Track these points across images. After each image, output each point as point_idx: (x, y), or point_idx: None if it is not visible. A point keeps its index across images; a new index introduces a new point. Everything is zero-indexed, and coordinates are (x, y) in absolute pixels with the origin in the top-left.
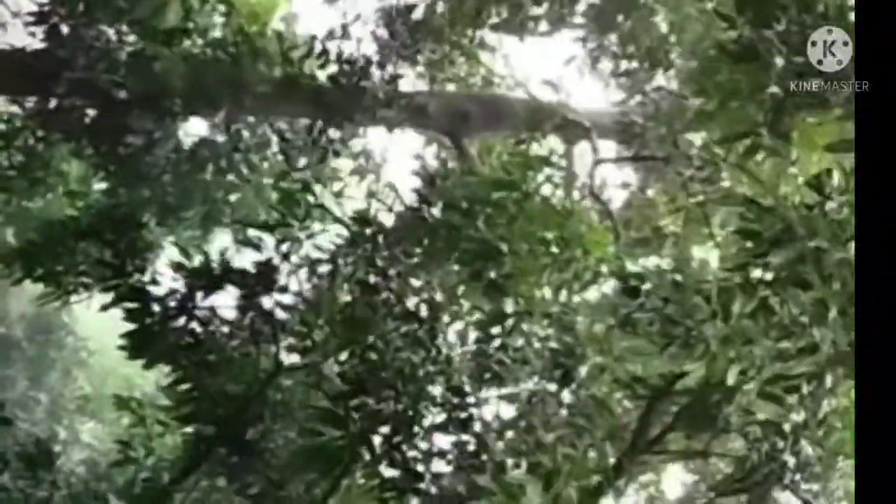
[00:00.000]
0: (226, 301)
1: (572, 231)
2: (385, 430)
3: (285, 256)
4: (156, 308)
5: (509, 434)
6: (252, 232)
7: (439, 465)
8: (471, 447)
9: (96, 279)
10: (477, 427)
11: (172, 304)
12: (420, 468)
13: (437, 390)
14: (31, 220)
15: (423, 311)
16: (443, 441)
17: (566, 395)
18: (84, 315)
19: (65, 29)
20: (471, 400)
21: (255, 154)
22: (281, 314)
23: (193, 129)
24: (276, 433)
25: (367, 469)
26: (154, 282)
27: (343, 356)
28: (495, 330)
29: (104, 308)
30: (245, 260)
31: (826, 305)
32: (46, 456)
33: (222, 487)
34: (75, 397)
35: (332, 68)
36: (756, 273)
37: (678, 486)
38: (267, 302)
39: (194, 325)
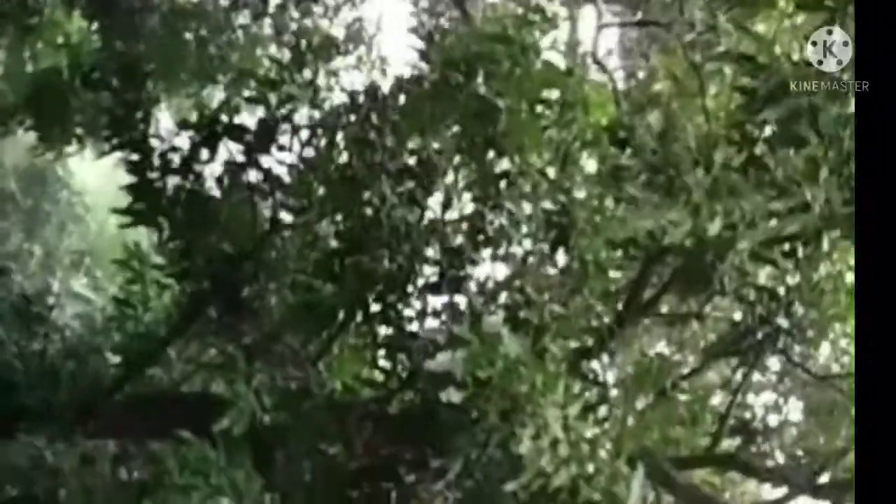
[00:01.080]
0: (224, 157)
1: (574, 91)
2: (379, 289)
3: (286, 117)
4: (156, 161)
5: (502, 295)
6: (248, 92)
7: (433, 325)
8: (462, 307)
9: (95, 130)
10: (471, 287)
11: (172, 157)
12: (414, 328)
13: (431, 250)
14: (25, 76)
15: (419, 171)
16: (436, 301)
17: (560, 257)
18: (79, 170)
19: None
20: (465, 259)
21: (249, 13)
22: (279, 172)
23: None
24: (270, 292)
25: (361, 328)
26: (156, 136)
27: (339, 216)
28: (490, 190)
29: (102, 154)
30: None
31: (818, 164)
32: (41, 307)
33: (215, 343)
34: (69, 252)
35: None
36: (752, 132)
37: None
38: (265, 160)
39: (192, 180)
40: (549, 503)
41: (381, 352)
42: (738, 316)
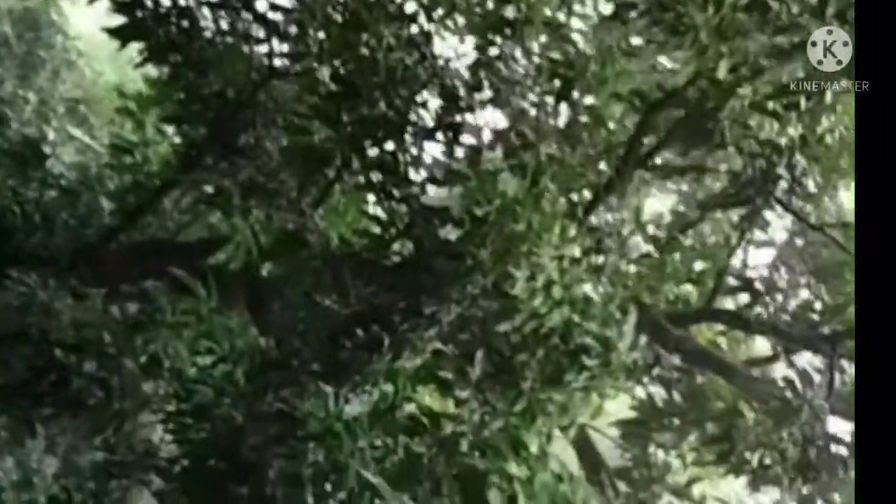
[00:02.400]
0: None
1: None
2: (376, 134)
3: None
4: (147, 2)
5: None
6: None
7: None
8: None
9: None
10: (468, 136)
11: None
12: (410, 174)
13: (430, 96)
14: None
15: (419, 13)
16: (434, 149)
17: (563, 109)
18: (73, 15)
19: None
20: (463, 106)
21: None
22: (274, 17)
23: None
24: (267, 138)
25: (357, 175)
26: None
27: (336, 61)
28: (493, 37)
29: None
30: None
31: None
32: (36, 154)
33: (211, 181)
34: (64, 99)
35: None
36: None
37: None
38: (260, 4)
39: (185, 21)
40: (541, 346)
41: (377, 199)
42: (738, 168)
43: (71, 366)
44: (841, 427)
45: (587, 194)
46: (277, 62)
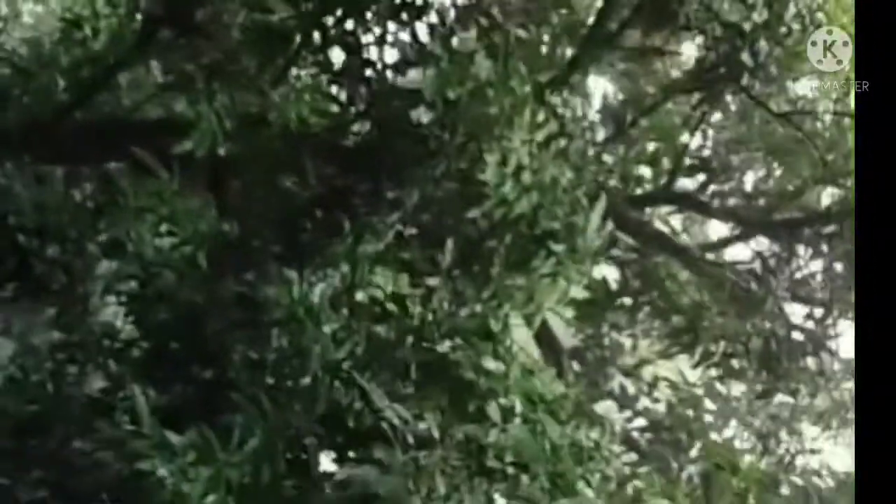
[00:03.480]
0: None
1: None
2: (337, 12)
3: None
4: None
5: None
6: None
7: (391, 55)
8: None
9: None
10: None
11: None
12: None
13: None
14: None
15: None
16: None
17: None
18: None
19: None
20: None
21: None
22: None
23: None
24: (226, 14)
25: (317, 55)
26: None
27: None
28: None
29: None
30: None
31: None
32: None
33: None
34: None
35: None
36: None
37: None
38: None
39: None
40: (509, 232)
41: (336, 79)
42: (701, 52)
43: (33, 250)
44: (800, 312)
45: (552, 76)
46: None
